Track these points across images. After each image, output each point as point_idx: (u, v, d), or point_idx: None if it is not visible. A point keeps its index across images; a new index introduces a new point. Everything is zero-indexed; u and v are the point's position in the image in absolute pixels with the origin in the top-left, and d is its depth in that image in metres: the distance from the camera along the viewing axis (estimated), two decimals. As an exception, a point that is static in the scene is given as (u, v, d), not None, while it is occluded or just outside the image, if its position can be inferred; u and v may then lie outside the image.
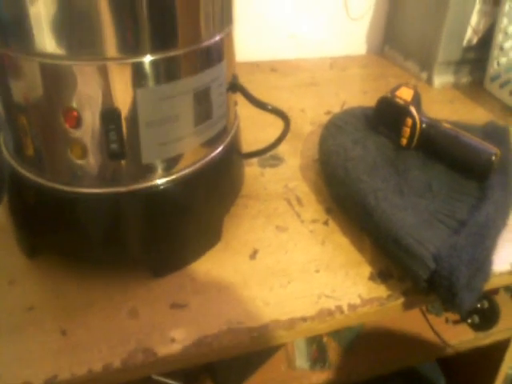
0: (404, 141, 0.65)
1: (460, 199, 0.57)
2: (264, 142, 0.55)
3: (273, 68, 0.91)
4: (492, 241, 0.51)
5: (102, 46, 0.36)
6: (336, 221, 0.55)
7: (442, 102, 0.85)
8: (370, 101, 0.69)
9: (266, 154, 0.57)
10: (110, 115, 0.38)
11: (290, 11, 0.94)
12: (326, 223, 0.55)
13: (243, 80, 0.52)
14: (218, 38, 0.44)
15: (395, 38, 1.02)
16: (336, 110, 0.75)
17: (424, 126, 0.64)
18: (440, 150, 0.63)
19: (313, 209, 0.57)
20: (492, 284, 0.50)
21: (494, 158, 0.59)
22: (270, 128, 0.53)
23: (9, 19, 0.35)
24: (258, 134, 0.64)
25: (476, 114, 0.81)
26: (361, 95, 0.84)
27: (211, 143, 0.47)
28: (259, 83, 0.82)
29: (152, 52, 0.38)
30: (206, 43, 0.42)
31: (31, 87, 0.38)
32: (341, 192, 0.56)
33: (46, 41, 0.35)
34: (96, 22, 0.35)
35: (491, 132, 0.68)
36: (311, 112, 0.76)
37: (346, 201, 0.55)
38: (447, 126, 0.64)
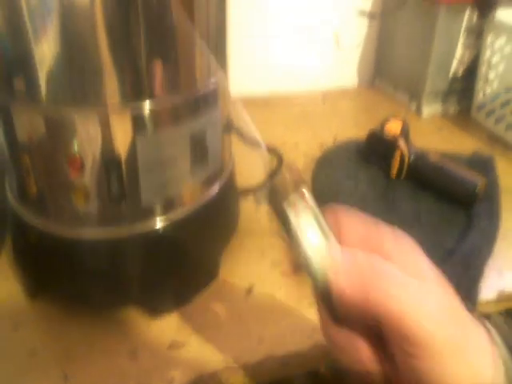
0: (394, 172, 0.67)
1: (448, 228, 0.59)
2: (260, 175, 0.57)
3: (266, 102, 0.93)
4: (478, 270, 0.53)
5: (102, 97, 0.38)
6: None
7: (431, 132, 0.87)
8: (361, 133, 0.72)
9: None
10: (111, 161, 0.40)
11: (282, 47, 0.97)
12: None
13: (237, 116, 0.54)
14: (212, 83, 0.46)
15: (385, 70, 1.06)
16: (329, 143, 0.78)
17: (412, 157, 0.67)
18: (428, 180, 0.66)
19: (307, 243, 0.58)
20: (479, 312, 0.52)
21: (478, 187, 0.62)
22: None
23: (14, 71, 0.38)
24: (253, 168, 0.67)
25: (464, 143, 0.83)
26: (353, 128, 0.87)
27: (208, 183, 0.49)
28: (253, 118, 0.84)
29: (150, 101, 0.40)
30: (201, 90, 0.45)
31: (35, 135, 0.40)
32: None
33: (50, 92, 0.38)
34: (97, 74, 0.37)
35: (477, 161, 0.71)
36: (304, 146, 0.78)
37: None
38: (434, 157, 0.67)
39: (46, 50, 0.36)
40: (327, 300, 0.28)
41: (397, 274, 0.26)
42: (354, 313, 0.27)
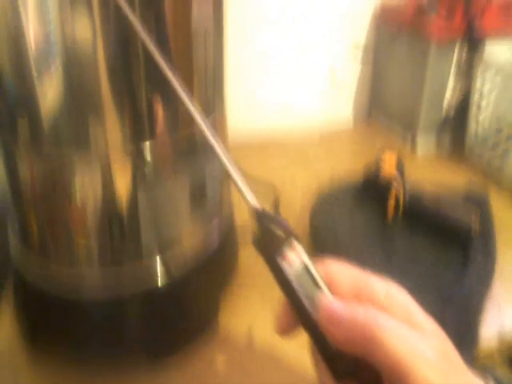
0: (390, 212, 0.68)
1: (445, 268, 0.60)
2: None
3: (264, 144, 0.95)
4: (476, 313, 0.54)
5: (104, 142, 0.40)
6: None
7: (425, 168, 0.89)
8: (358, 169, 0.74)
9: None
10: (111, 207, 0.42)
11: (277, 86, 1.00)
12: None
13: (235, 157, 0.56)
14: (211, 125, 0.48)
15: (380, 106, 1.08)
16: (326, 182, 0.80)
17: (408, 197, 0.68)
18: (424, 220, 0.67)
19: (305, 284, 0.60)
20: (481, 353, 0.52)
21: (473, 227, 0.63)
22: (265, 203, 0.56)
23: (18, 116, 0.40)
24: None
25: (459, 178, 0.85)
26: (350, 164, 0.88)
27: (208, 232, 0.51)
28: (251, 160, 0.86)
29: (151, 144, 0.42)
30: (200, 138, 0.46)
31: (38, 183, 0.42)
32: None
33: (52, 137, 0.40)
34: (99, 120, 0.39)
35: (471, 198, 0.72)
36: (302, 186, 0.80)
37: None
38: (429, 195, 0.68)
39: (48, 96, 0.38)
40: (323, 352, 0.29)
41: (393, 325, 0.26)
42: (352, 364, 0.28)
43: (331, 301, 0.29)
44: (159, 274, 0.46)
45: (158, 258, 0.45)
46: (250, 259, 0.62)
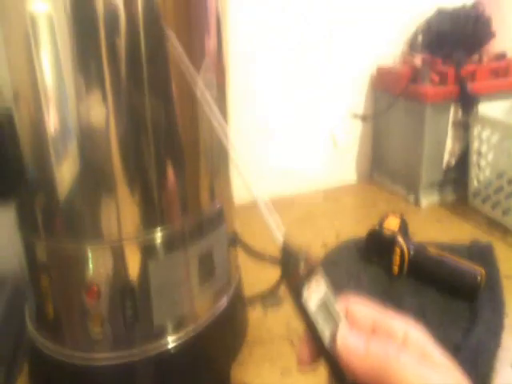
0: (395, 269, 0.70)
1: (453, 323, 0.61)
2: (266, 280, 0.60)
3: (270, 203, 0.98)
4: (487, 365, 0.54)
5: (117, 228, 0.43)
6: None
7: (430, 222, 0.91)
8: (362, 228, 0.76)
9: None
10: (125, 287, 0.45)
11: (283, 152, 1.04)
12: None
13: (242, 221, 0.58)
14: (218, 206, 0.51)
15: (382, 165, 1.12)
16: (331, 241, 0.81)
17: (412, 253, 0.69)
18: (429, 275, 0.68)
19: (315, 346, 0.60)
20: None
21: (479, 279, 0.64)
22: (272, 267, 0.58)
23: (37, 209, 0.44)
24: (259, 273, 0.70)
25: (463, 230, 0.86)
26: (354, 224, 0.91)
27: (216, 297, 0.53)
28: (258, 223, 0.89)
29: (161, 228, 0.45)
30: (208, 211, 0.50)
31: (55, 267, 0.45)
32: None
33: (68, 224, 0.43)
34: (111, 207, 0.43)
35: (476, 251, 0.73)
36: (308, 244, 0.81)
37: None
38: (433, 250, 0.70)
39: (65, 180, 0.41)
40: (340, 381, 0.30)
41: (410, 360, 0.27)
42: None
43: (350, 333, 0.29)
44: (169, 336, 0.47)
45: (168, 321, 0.47)
46: (258, 317, 0.63)
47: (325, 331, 0.30)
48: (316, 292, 0.30)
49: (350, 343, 0.29)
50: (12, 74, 0.40)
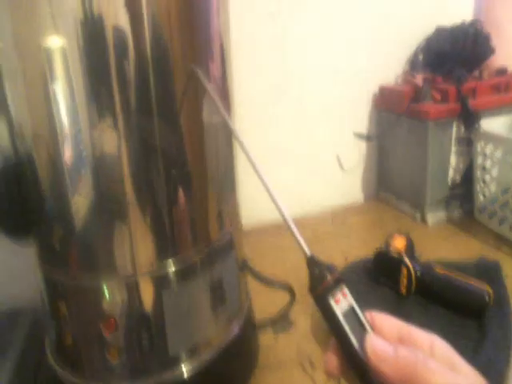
0: (403, 289, 0.70)
1: (461, 341, 0.61)
2: (276, 304, 0.61)
3: (278, 229, 0.99)
4: (495, 383, 0.54)
5: (131, 265, 0.45)
6: (349, 379, 0.59)
7: (437, 239, 0.92)
8: (370, 249, 0.76)
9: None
10: (141, 318, 0.46)
11: (290, 175, 1.06)
12: (338, 383, 0.59)
13: (252, 245, 0.59)
14: (227, 234, 0.53)
15: (387, 184, 1.13)
16: (339, 263, 0.82)
17: (419, 272, 0.70)
18: (437, 294, 0.69)
19: (325, 370, 0.61)
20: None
21: (486, 297, 0.64)
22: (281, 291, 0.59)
23: (54, 246, 0.46)
24: (270, 297, 0.71)
25: (470, 247, 0.87)
26: (362, 244, 0.92)
27: (228, 324, 0.54)
28: (267, 246, 0.91)
29: (173, 261, 0.47)
30: (218, 242, 0.51)
31: (73, 300, 0.48)
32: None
33: (85, 264, 0.46)
34: (125, 242, 0.45)
35: (483, 268, 0.74)
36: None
37: (354, 359, 0.60)
38: (440, 269, 0.70)
39: (80, 210, 0.43)
40: None
41: (437, 366, 0.28)
42: None
43: (379, 338, 0.31)
44: (183, 362, 0.49)
45: (181, 346, 0.49)
46: (268, 342, 0.64)
47: (353, 336, 0.32)
48: (342, 302, 0.33)
49: (380, 347, 0.30)
50: (31, 112, 0.42)
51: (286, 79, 1.00)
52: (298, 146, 1.05)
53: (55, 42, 0.38)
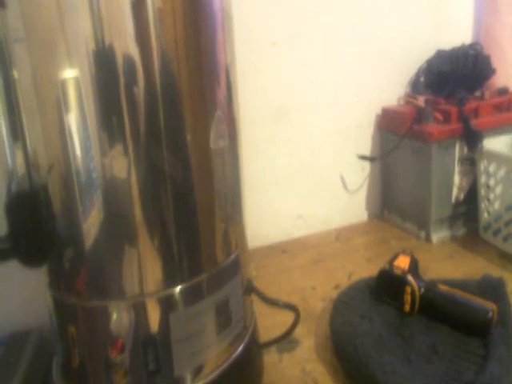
0: (407, 307, 0.71)
1: (465, 359, 0.61)
2: (281, 324, 0.61)
3: (283, 249, 1.00)
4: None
5: (138, 288, 0.47)
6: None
7: (441, 257, 0.92)
8: (374, 268, 0.77)
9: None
10: (148, 340, 0.48)
11: (295, 196, 1.08)
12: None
13: (257, 264, 0.60)
14: (234, 256, 0.55)
15: (392, 203, 1.14)
16: (344, 282, 0.83)
17: (422, 291, 0.71)
18: (440, 312, 0.69)
19: (330, 389, 0.62)
20: None
21: (490, 315, 0.65)
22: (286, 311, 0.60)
23: (63, 270, 0.48)
24: (274, 317, 0.72)
25: (475, 265, 0.88)
26: (366, 263, 0.93)
27: (232, 344, 0.55)
28: (272, 266, 0.92)
29: (180, 284, 0.48)
30: (225, 264, 0.53)
31: (81, 323, 0.49)
32: (352, 369, 0.62)
33: (94, 288, 0.47)
34: (133, 265, 0.46)
35: (487, 286, 0.74)
36: (321, 289, 0.84)
37: (358, 377, 0.61)
38: (444, 287, 0.71)
39: (90, 246, 0.45)
40: None
41: None
42: None
43: None
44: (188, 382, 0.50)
45: (187, 367, 0.50)
46: (273, 361, 0.65)
47: None
48: None
49: None
50: (46, 140, 0.44)
51: (288, 103, 1.02)
52: (302, 168, 1.07)
53: (69, 73, 0.41)
